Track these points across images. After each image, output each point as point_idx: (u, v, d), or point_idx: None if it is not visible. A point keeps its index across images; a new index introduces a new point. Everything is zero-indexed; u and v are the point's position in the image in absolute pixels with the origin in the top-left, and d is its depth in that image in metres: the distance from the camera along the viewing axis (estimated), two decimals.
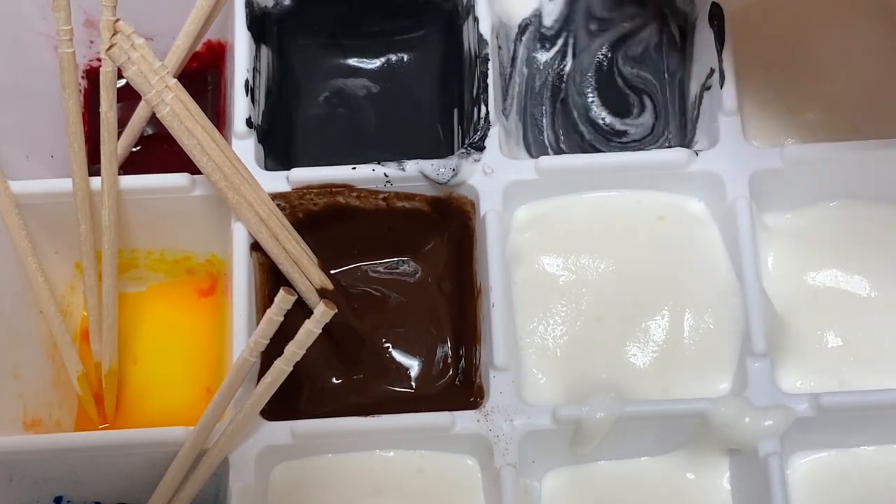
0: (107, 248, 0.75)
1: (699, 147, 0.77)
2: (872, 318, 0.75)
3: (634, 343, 0.74)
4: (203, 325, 0.80)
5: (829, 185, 0.76)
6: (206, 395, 0.77)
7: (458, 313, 0.77)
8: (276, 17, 0.83)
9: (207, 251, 0.80)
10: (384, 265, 0.80)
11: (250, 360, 0.67)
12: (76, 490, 0.74)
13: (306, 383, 0.76)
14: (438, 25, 0.84)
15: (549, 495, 0.73)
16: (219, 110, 0.85)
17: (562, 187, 0.76)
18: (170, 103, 0.69)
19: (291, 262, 0.74)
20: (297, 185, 0.76)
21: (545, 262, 0.75)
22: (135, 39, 0.68)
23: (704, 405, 0.70)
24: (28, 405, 0.76)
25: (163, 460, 0.70)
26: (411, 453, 0.72)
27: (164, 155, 0.79)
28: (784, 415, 0.70)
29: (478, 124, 0.76)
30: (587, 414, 0.70)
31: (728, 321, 0.73)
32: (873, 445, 0.73)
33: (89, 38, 0.85)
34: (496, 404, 0.71)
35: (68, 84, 0.73)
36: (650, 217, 0.76)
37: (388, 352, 0.78)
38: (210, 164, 0.71)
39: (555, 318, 0.74)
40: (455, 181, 0.75)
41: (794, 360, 0.74)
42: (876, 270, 0.76)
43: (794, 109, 0.79)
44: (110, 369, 0.77)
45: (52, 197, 0.76)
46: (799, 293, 0.75)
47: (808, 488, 0.72)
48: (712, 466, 0.72)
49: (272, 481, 0.72)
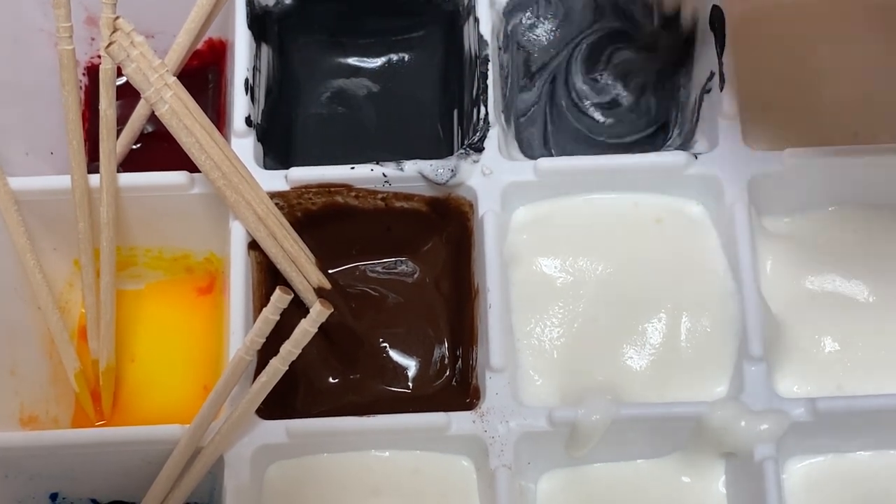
0: (105, 245, 0.75)
1: (698, 150, 0.77)
2: (870, 322, 0.75)
3: (631, 345, 0.74)
4: (201, 323, 0.80)
5: (827, 190, 0.76)
6: (203, 393, 0.77)
7: (455, 314, 0.77)
8: (277, 15, 0.83)
9: (206, 249, 0.80)
10: (382, 265, 0.80)
11: (246, 358, 0.67)
12: (72, 487, 0.74)
13: (302, 382, 0.76)
14: (439, 25, 0.84)
15: (544, 497, 0.73)
16: (219, 108, 0.85)
17: (560, 189, 0.76)
18: (169, 101, 0.69)
19: (289, 262, 0.74)
20: (295, 185, 0.76)
21: (543, 264, 0.75)
22: (134, 37, 0.68)
23: (701, 408, 0.70)
24: (25, 402, 0.76)
25: (158, 458, 0.70)
26: (407, 454, 0.72)
27: (163, 153, 0.79)
28: (780, 419, 0.70)
29: (477, 125, 0.76)
30: (583, 416, 0.70)
31: (725, 324, 0.73)
32: (870, 450, 0.73)
33: (90, 36, 0.86)
34: (492, 405, 0.71)
35: (68, 81, 0.73)
36: (648, 220, 0.76)
37: (385, 352, 0.78)
38: (208, 163, 0.71)
39: (552, 320, 0.74)
40: (453, 182, 0.75)
41: (791, 365, 0.74)
42: (874, 275, 0.76)
43: (794, 113, 0.79)
44: (108, 366, 0.77)
45: (51, 194, 0.76)
46: (796, 297, 0.75)
47: (804, 493, 0.72)
48: (708, 470, 0.72)
49: (267, 480, 0.72)
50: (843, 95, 0.80)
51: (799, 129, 0.79)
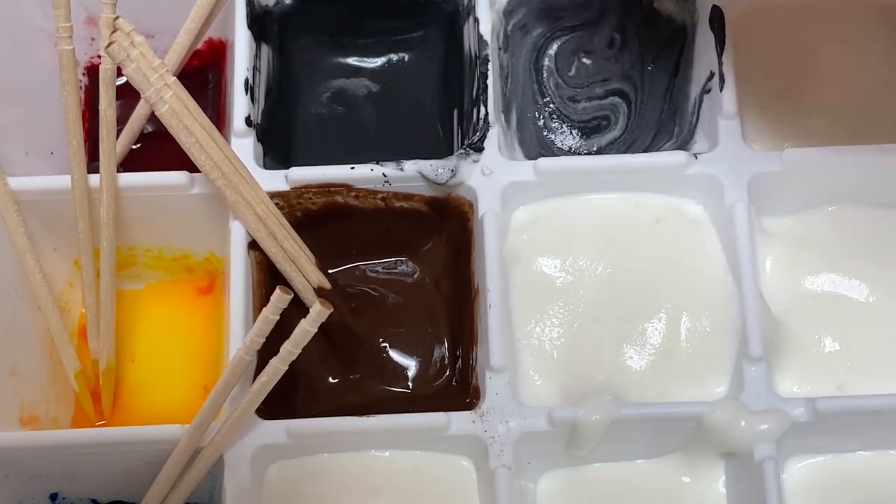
0: (105, 245, 0.75)
1: (698, 150, 0.77)
2: (870, 322, 0.75)
3: (631, 345, 0.74)
4: (201, 323, 0.80)
5: (827, 190, 0.76)
6: (203, 393, 0.77)
7: (455, 314, 0.77)
8: (277, 15, 0.83)
9: (206, 249, 0.80)
10: (382, 265, 0.80)
11: (246, 358, 0.67)
12: (72, 487, 0.74)
13: (302, 382, 0.76)
14: (439, 25, 0.84)
15: (544, 497, 0.73)
16: (219, 108, 0.85)
17: (560, 189, 0.76)
18: (168, 101, 0.69)
19: (289, 261, 0.74)
20: (295, 185, 0.76)
21: (543, 264, 0.75)
22: (134, 37, 0.68)
23: (701, 408, 0.70)
24: (25, 402, 0.76)
25: (158, 458, 0.70)
26: (407, 454, 0.72)
27: (163, 153, 0.79)
28: (780, 419, 0.70)
29: (477, 125, 0.76)
30: (583, 416, 0.70)
31: (725, 324, 0.73)
32: (870, 450, 0.73)
33: (90, 36, 0.86)
34: (492, 405, 0.71)
35: (68, 81, 0.73)
36: (648, 219, 0.76)
37: (385, 352, 0.78)
38: (208, 163, 0.71)
39: (552, 320, 0.74)
40: (453, 182, 0.75)
41: (791, 365, 0.74)
42: (874, 275, 0.76)
43: (794, 113, 0.79)
44: (108, 366, 0.77)
45: (51, 194, 0.76)
46: (796, 297, 0.75)
47: (804, 493, 0.72)
48: (708, 470, 0.72)
49: (267, 480, 0.72)
50: (842, 95, 0.80)
51: (798, 128, 0.79)
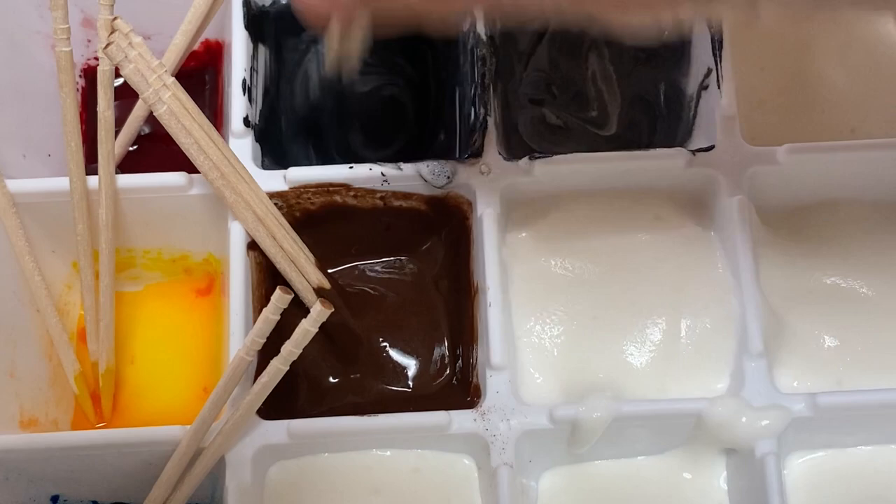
0: (104, 247, 0.75)
1: (696, 147, 0.77)
2: (869, 317, 0.75)
3: (631, 342, 0.74)
4: (200, 324, 0.80)
5: (826, 185, 0.76)
6: (202, 394, 0.77)
7: (455, 312, 0.77)
8: (274, 16, 0.83)
9: (205, 250, 0.80)
10: (381, 264, 0.80)
11: (247, 359, 0.67)
12: (73, 489, 0.74)
13: (303, 382, 0.76)
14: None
15: (545, 495, 0.73)
16: (216, 109, 0.85)
17: (560, 187, 0.76)
18: (167, 102, 0.69)
19: (288, 261, 0.74)
20: (294, 185, 0.76)
21: (542, 262, 0.75)
22: (132, 38, 0.68)
23: (701, 405, 0.70)
24: (25, 404, 0.76)
25: (159, 459, 0.70)
26: (408, 453, 0.72)
27: (161, 154, 0.79)
28: (781, 415, 0.70)
29: (476, 125, 0.76)
30: (584, 413, 0.70)
31: (725, 321, 0.73)
32: (870, 445, 0.73)
33: (87, 37, 0.86)
34: (493, 404, 0.71)
35: (65, 83, 0.73)
36: (647, 217, 0.76)
37: (386, 351, 0.78)
38: (207, 163, 0.71)
39: (552, 318, 0.74)
40: (450, 186, 0.75)
41: (791, 360, 0.74)
42: (872, 271, 0.76)
43: (792, 109, 0.80)
44: (107, 368, 0.77)
45: (50, 196, 0.76)
46: (795, 293, 0.75)
47: (805, 488, 0.72)
48: (709, 466, 0.72)
49: (269, 480, 0.72)
50: (839, 91, 0.80)
51: (796, 125, 0.79)
